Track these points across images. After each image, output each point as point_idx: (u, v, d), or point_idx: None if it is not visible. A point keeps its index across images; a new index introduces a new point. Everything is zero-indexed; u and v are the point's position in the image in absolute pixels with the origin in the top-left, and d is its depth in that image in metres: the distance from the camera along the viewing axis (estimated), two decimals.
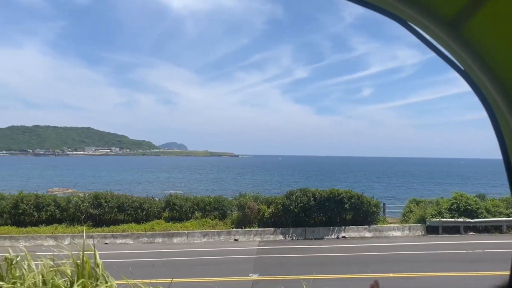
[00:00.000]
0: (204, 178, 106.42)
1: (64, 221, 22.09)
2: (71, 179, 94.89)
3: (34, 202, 21.96)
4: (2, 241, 20.11)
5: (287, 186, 70.61)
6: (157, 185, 76.31)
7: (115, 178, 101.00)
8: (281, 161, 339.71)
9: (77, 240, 20.23)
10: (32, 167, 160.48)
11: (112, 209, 21.80)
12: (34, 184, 76.90)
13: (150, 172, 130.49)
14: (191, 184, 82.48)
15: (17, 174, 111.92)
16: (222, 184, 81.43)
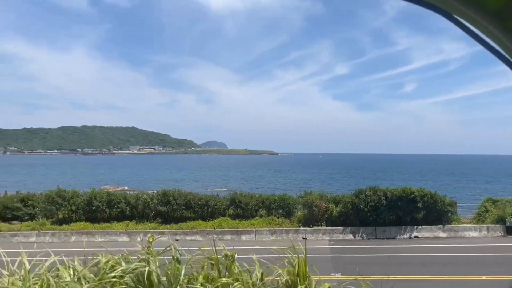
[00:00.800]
0: (246, 176, 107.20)
1: (134, 218, 22.88)
2: (120, 177, 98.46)
3: (106, 199, 22.88)
4: (79, 236, 21.11)
5: (330, 185, 69.85)
6: (202, 183, 77.68)
7: (160, 176, 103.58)
8: (322, 158, 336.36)
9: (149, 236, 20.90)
10: (83, 166, 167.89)
11: (179, 207, 22.31)
12: (86, 182, 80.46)
13: (194, 171, 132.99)
14: (234, 182, 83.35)
15: (72, 172, 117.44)
16: (265, 182, 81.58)
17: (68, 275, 3.71)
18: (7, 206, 23.74)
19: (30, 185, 65.86)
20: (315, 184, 76.97)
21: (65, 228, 21.68)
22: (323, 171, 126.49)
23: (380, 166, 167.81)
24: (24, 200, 24.07)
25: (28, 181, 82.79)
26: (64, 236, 21.02)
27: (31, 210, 23.64)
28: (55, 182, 79.79)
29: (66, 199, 22.90)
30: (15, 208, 23.63)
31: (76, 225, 22.03)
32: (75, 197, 23.12)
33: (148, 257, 4.14)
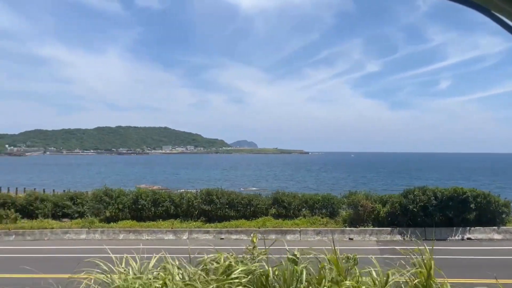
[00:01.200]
0: (277, 175, 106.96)
1: (178, 217, 23.24)
2: (154, 177, 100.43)
3: (151, 198, 23.36)
4: (127, 234, 21.64)
5: (364, 184, 68.53)
6: (232, 182, 78.08)
7: (193, 176, 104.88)
8: (354, 158, 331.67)
9: (194, 235, 21.18)
10: (118, 165, 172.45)
11: (223, 206, 22.49)
12: (122, 181, 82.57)
13: (225, 170, 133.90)
14: (266, 181, 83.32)
15: (108, 172, 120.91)
16: (295, 181, 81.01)
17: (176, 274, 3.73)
18: (58, 204, 24.66)
19: (71, 183, 68.29)
20: (348, 183, 75.84)
21: (113, 226, 22.27)
22: (355, 171, 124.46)
23: (414, 165, 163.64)
24: (73, 199, 24.92)
25: (69, 179, 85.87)
26: (113, 234, 21.60)
27: (80, 208, 24.45)
28: (93, 180, 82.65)
29: (113, 197, 23.56)
30: (65, 206, 24.51)
31: (123, 223, 22.59)
32: (121, 195, 23.75)
33: (259, 257, 4.12)
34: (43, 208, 24.42)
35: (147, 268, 4.10)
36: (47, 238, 21.82)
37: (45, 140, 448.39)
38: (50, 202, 24.72)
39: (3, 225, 23.06)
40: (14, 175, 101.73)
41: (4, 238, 22.15)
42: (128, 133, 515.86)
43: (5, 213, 23.56)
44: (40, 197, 25.07)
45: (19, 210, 24.36)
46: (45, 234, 21.96)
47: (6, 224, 23.13)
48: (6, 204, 24.68)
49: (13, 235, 22.17)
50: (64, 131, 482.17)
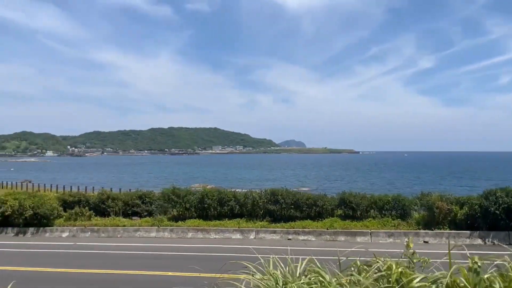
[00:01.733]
0: (328, 175, 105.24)
1: (243, 216, 23.36)
2: (206, 176, 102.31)
3: (217, 197, 23.67)
4: (195, 233, 22.04)
5: (420, 185, 65.59)
6: (284, 181, 77.75)
7: (246, 175, 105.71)
8: (407, 157, 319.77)
9: (261, 235, 21.16)
10: (172, 165, 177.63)
11: (288, 206, 22.32)
12: (178, 180, 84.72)
13: (274, 169, 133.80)
14: (317, 181, 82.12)
15: (164, 171, 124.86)
16: (345, 181, 79.11)
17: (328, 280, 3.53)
18: (128, 203, 25.64)
19: (130, 182, 71.19)
20: (403, 183, 73.12)
21: (181, 224, 22.79)
22: (409, 171, 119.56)
23: (474, 165, 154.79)
24: (142, 197, 25.82)
25: (129, 178, 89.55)
26: (181, 232, 22.08)
27: (149, 207, 25.28)
28: (150, 179, 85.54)
29: (180, 197, 24.13)
30: (135, 205, 25.44)
31: (191, 222, 23.04)
32: (188, 195, 24.27)
33: (423, 263, 3.83)
34: (114, 206, 25.50)
35: (295, 272, 3.92)
36: (120, 235, 22.72)
37: (102, 141, 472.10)
38: (120, 200, 25.77)
39: (79, 222, 24.33)
40: (79, 174, 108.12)
41: (80, 234, 23.36)
42: (179, 134, 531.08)
43: (80, 211, 24.82)
44: (111, 196, 26.21)
45: (92, 208, 25.60)
46: (118, 232, 22.88)
47: (82, 222, 24.39)
48: (80, 202, 26.05)
49: (89, 232, 23.32)
50: (120, 132, 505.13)
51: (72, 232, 23.54)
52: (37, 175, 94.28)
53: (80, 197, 26.76)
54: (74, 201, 26.22)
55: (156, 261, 16.69)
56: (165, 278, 13.67)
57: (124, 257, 17.71)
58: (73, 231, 23.56)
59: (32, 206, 23.92)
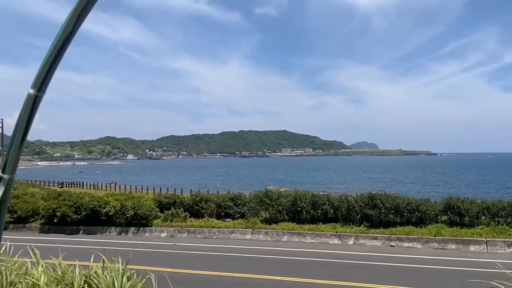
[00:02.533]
0: (405, 177, 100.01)
1: (337, 220, 22.63)
2: (279, 178, 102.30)
3: (310, 200, 23.20)
4: (290, 236, 21.74)
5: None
6: (358, 184, 74.91)
7: (318, 177, 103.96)
8: (492, 159, 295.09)
9: (361, 241, 20.30)
10: (244, 167, 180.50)
11: (388, 210, 21.22)
12: (251, 182, 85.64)
13: (348, 172, 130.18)
14: (393, 184, 78.05)
15: (238, 173, 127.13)
16: (426, 185, 74.16)
17: None
18: (220, 205, 26.09)
19: (210, 183, 73.26)
20: (491, 188, 67.07)
21: (275, 227, 22.62)
22: (496, 173, 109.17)
23: None
24: (234, 199, 26.12)
25: (209, 180, 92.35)
26: (276, 235, 21.91)
27: (241, 209, 25.49)
28: (227, 181, 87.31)
29: (273, 199, 24.00)
30: (227, 207, 25.80)
31: (284, 225, 22.80)
32: (280, 197, 24.07)
33: None
34: (207, 208, 26.07)
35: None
36: (216, 237, 23.10)
37: (178, 145, 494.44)
38: (213, 202, 26.29)
39: (175, 223, 25.20)
40: (161, 176, 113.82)
41: (178, 235, 24.13)
42: (249, 136, 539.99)
43: (176, 212, 25.69)
44: (204, 198, 26.83)
45: (186, 209, 26.38)
46: (214, 233, 23.30)
47: (177, 222, 25.23)
48: (175, 204, 27.00)
49: (185, 233, 24.02)
50: (194, 136, 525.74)
51: (169, 232, 24.41)
52: (122, 177, 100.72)
53: (174, 198, 27.78)
54: (169, 202, 27.26)
55: (279, 265, 16.45)
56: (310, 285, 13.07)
57: (231, 259, 17.82)
58: (170, 231, 24.43)
59: (133, 206, 25.22)
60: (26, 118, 1.10)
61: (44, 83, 1.08)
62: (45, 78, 1.07)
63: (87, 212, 25.92)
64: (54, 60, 1.06)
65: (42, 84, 1.08)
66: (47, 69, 1.07)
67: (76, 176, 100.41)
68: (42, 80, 1.07)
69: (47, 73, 1.07)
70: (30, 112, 1.10)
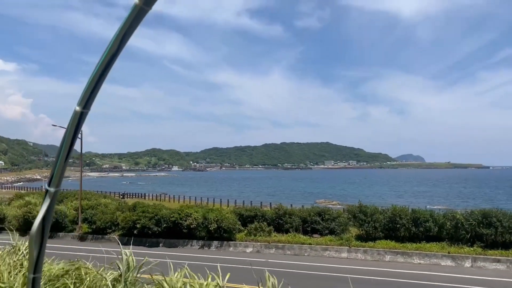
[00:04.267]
0: (460, 192, 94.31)
1: (441, 239, 20.65)
2: (326, 191, 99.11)
3: (411, 217, 21.34)
4: (394, 256, 19.95)
5: None
6: (416, 199, 70.91)
7: (364, 191, 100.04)
8: None
9: (480, 263, 18.20)
10: (292, 180, 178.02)
11: (506, 230, 19.01)
12: (297, 195, 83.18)
13: (397, 186, 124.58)
14: (447, 199, 73.31)
15: (282, 186, 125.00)
16: (488, 200, 68.85)
17: None
18: (306, 219, 24.70)
19: (255, 196, 71.56)
20: None
21: (374, 245, 20.92)
22: None
23: None
24: (321, 214, 24.66)
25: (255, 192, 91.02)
26: (377, 255, 20.21)
27: (329, 224, 23.96)
28: (275, 194, 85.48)
29: (368, 215, 22.34)
30: (314, 222, 24.35)
31: (383, 243, 21.08)
32: (376, 213, 22.38)
33: None
34: (292, 222, 24.75)
35: None
36: (307, 254, 21.70)
37: (220, 156, 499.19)
38: (297, 216, 24.95)
39: (260, 237, 24.03)
40: (210, 187, 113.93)
41: (265, 250, 22.93)
42: (291, 149, 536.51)
43: (259, 226, 24.55)
44: (288, 212, 25.56)
45: (269, 223, 25.20)
46: (304, 250, 21.91)
47: (262, 237, 24.05)
48: (256, 217, 25.89)
49: (273, 248, 22.78)
50: (236, 148, 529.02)
51: (255, 247, 23.27)
52: (172, 188, 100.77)
53: (256, 211, 26.69)
54: (250, 215, 26.21)
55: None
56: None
57: (330, 279, 16.35)
58: (256, 246, 23.28)
59: (216, 219, 24.34)
60: (72, 133, 1.12)
61: (89, 100, 1.09)
62: (90, 96, 1.09)
63: (168, 225, 25.33)
64: (99, 78, 1.07)
65: (87, 101, 1.09)
66: (93, 87, 1.08)
67: (126, 187, 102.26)
68: (88, 98, 1.09)
69: (92, 91, 1.08)
70: (75, 128, 1.11)
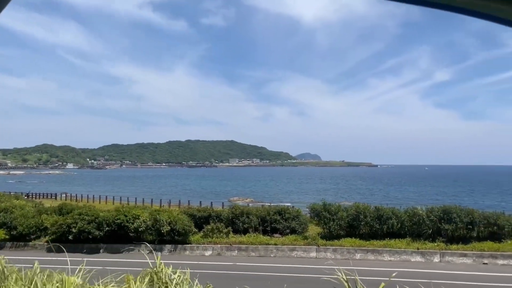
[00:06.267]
0: (356, 188, 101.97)
1: (403, 235, 21.13)
2: (237, 189, 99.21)
3: (375, 214, 21.49)
4: (364, 254, 19.81)
5: (454, 199, 61.57)
6: (323, 195, 74.12)
7: (273, 188, 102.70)
8: (428, 171, 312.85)
9: (447, 258, 18.85)
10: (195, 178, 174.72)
11: (465, 225, 20.05)
12: (210, 193, 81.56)
13: (303, 183, 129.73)
14: (349, 195, 78.38)
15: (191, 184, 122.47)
16: (384, 196, 75.25)
17: None
18: (265, 219, 23.58)
19: (163, 194, 68.10)
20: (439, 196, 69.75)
21: (342, 243, 20.61)
22: (433, 184, 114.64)
23: (500, 179, 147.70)
24: (281, 213, 23.71)
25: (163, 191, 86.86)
26: (347, 253, 19.91)
27: (290, 223, 23.14)
28: (185, 192, 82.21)
29: (332, 213, 21.99)
30: (274, 221, 23.34)
31: (349, 241, 20.87)
32: (340, 211, 22.13)
33: None
34: (249, 222, 23.45)
35: None
36: (273, 255, 20.64)
37: (121, 154, 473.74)
38: (255, 216, 23.73)
39: (216, 239, 22.33)
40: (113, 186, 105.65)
41: (226, 253, 21.35)
42: (196, 146, 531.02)
43: (216, 227, 22.84)
44: (246, 211, 24.17)
45: (225, 224, 23.59)
46: (270, 251, 20.82)
47: (219, 239, 22.39)
48: (211, 218, 24.10)
49: (236, 251, 21.29)
50: (138, 145, 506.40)
51: (216, 250, 21.53)
52: (69, 188, 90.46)
53: (209, 212, 24.82)
54: (204, 216, 24.33)
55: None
56: None
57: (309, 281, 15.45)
58: (216, 249, 21.56)
59: (169, 221, 22.04)
60: None
61: None
62: None
63: (112, 228, 22.26)
64: None
65: None
66: None
67: (13, 186, 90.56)
68: None
69: None
70: None
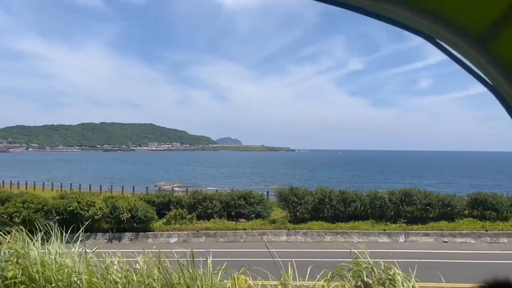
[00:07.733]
0: (272, 172, 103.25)
1: (366, 218, 21.86)
2: (158, 174, 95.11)
3: (340, 198, 21.92)
4: (334, 236, 20.13)
5: (369, 182, 65.93)
6: (233, 179, 74.08)
7: (200, 172, 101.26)
8: (341, 155, 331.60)
9: (412, 238, 19.89)
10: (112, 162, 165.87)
11: (424, 206, 21.28)
12: (135, 178, 76.96)
13: (226, 167, 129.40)
14: (285, 179, 79.81)
15: (108, 169, 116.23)
16: (296, 179, 76.77)
17: None
18: (229, 204, 22.91)
19: (79, 180, 62.42)
20: (354, 180, 73.55)
21: (311, 226, 20.73)
22: (349, 168, 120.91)
23: (412, 164, 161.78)
24: (246, 198, 23.17)
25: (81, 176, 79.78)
26: (317, 236, 20.08)
27: (255, 208, 22.75)
28: (101, 177, 76.69)
29: (299, 197, 22.00)
30: (239, 206, 22.76)
31: (315, 224, 21.07)
32: (307, 195, 22.22)
33: None
34: (213, 207, 22.63)
35: None
36: (243, 240, 20.16)
37: (27, 136, 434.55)
38: (218, 201, 22.95)
39: (180, 226, 21.25)
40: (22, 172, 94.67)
41: (193, 239, 20.42)
42: (112, 129, 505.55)
43: (179, 213, 21.72)
44: (208, 196, 23.25)
45: (186, 209, 22.52)
46: (240, 236, 20.31)
47: (182, 225, 21.34)
48: (171, 203, 22.85)
49: (203, 237, 20.43)
50: (47, 127, 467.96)
51: (182, 237, 20.48)
52: None
53: (169, 197, 23.47)
54: (163, 202, 22.98)
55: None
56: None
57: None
58: (182, 236, 20.51)
59: (129, 208, 20.44)
60: None
61: None
62: None
63: (64, 217, 20.02)
64: None
65: None
66: None
67: None
68: None
69: None
70: None
